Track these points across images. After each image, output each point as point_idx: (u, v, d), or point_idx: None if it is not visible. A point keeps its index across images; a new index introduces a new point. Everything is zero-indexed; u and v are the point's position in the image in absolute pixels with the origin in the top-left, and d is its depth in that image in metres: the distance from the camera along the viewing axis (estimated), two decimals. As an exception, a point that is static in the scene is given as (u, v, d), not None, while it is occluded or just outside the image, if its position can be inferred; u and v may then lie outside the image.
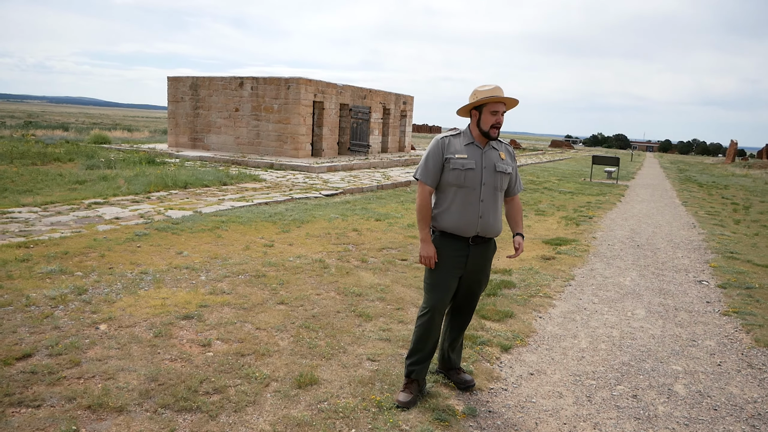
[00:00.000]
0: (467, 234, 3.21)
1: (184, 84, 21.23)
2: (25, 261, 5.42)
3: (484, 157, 3.22)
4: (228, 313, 4.47)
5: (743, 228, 11.05)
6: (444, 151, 3.23)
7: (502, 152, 3.29)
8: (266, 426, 2.91)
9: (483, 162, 3.21)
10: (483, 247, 3.30)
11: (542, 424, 3.16)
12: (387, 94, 24.71)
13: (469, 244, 3.24)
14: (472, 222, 3.19)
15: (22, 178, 10.97)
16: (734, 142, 49.59)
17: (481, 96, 3.16)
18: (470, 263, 3.27)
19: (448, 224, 3.22)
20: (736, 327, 4.98)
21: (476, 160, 3.20)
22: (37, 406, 2.92)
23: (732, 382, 3.87)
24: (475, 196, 3.19)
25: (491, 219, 3.23)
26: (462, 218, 3.19)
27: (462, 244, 3.24)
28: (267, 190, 11.71)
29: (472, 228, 3.19)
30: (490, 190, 3.22)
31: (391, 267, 6.23)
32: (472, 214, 3.18)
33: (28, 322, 3.97)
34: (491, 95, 3.14)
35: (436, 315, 3.27)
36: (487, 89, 3.18)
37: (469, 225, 3.19)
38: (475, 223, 3.19)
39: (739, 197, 17.79)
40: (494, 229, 3.27)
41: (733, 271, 7.05)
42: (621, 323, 4.94)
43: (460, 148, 3.23)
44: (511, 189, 3.42)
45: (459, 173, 3.18)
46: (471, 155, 3.21)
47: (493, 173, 3.22)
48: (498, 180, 3.24)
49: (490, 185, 3.21)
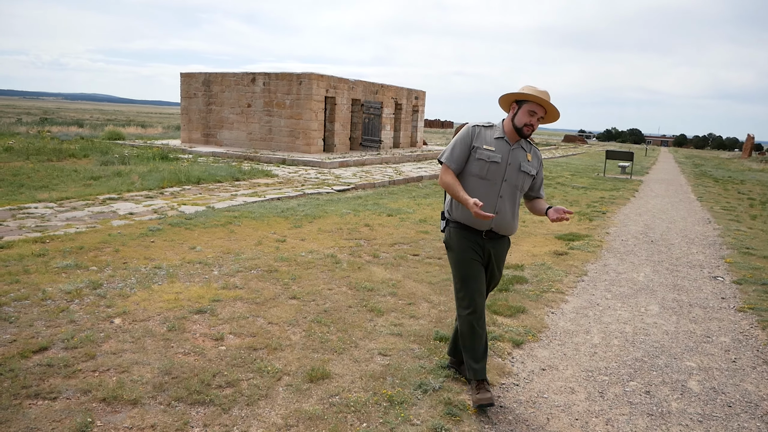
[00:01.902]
0: (481, 227, 3.21)
1: (197, 80, 21.35)
2: (42, 256, 5.50)
3: (511, 154, 3.20)
4: (240, 307, 4.50)
5: (759, 223, 10.90)
6: (473, 140, 3.23)
7: (530, 154, 3.27)
8: (278, 419, 2.93)
9: (509, 158, 3.19)
10: (496, 242, 3.29)
11: (554, 420, 3.15)
12: (399, 89, 24.66)
13: (482, 237, 3.24)
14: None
15: (38, 174, 11.12)
16: (751, 137, 48.88)
17: (527, 91, 3.13)
18: (486, 254, 3.28)
19: (462, 216, 3.22)
20: (751, 323, 4.92)
21: (503, 155, 3.19)
22: (53, 399, 2.97)
23: (747, 378, 3.83)
24: (494, 190, 3.19)
25: (507, 216, 3.22)
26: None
27: (476, 236, 3.24)
28: (279, 186, 11.75)
29: (486, 222, 3.17)
30: (511, 188, 3.21)
31: (403, 262, 6.23)
32: (489, 208, 3.16)
33: (44, 316, 4.03)
34: (535, 94, 3.11)
35: (478, 305, 3.20)
36: (535, 89, 3.15)
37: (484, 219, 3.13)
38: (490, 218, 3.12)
39: (755, 192, 17.55)
40: (509, 227, 3.27)
41: (748, 266, 6.96)
42: (634, 319, 4.91)
43: (490, 140, 3.21)
44: (535, 191, 3.40)
45: (483, 164, 3.17)
46: (499, 149, 3.19)
47: (516, 171, 3.20)
48: (520, 179, 3.22)
49: (511, 183, 3.20)
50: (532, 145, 3.34)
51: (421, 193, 12.17)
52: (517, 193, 3.25)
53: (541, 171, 3.40)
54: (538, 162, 3.35)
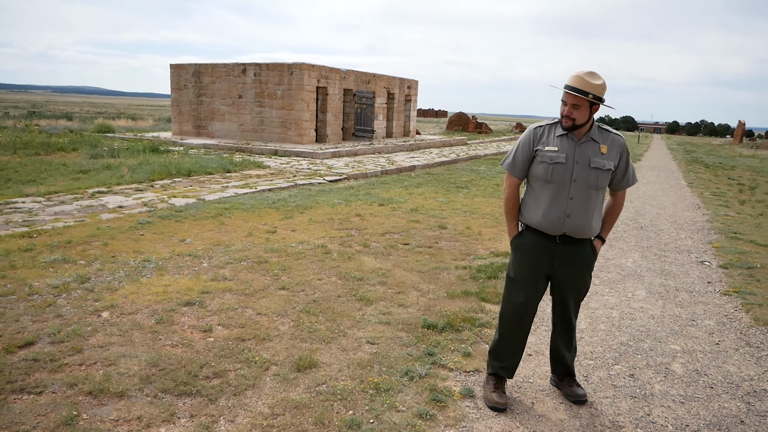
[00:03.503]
0: (553, 232, 2.99)
1: (187, 71, 21.19)
2: (29, 251, 5.48)
3: (578, 151, 2.93)
4: (229, 299, 4.51)
5: (748, 208, 10.99)
6: (535, 143, 3.02)
7: (604, 145, 2.95)
8: (265, 408, 2.95)
9: (576, 156, 2.92)
10: (573, 247, 3.03)
11: (539, 404, 3.19)
12: (391, 79, 24.57)
13: (556, 242, 3.02)
14: (558, 220, 2.95)
15: (26, 168, 11.04)
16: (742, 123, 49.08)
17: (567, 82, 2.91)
18: (557, 264, 3.04)
19: (533, 220, 3.03)
20: (736, 306, 4.98)
21: (567, 153, 2.92)
22: (38, 393, 2.97)
23: (729, 360, 3.88)
24: (563, 192, 2.94)
25: (581, 219, 2.95)
26: (547, 216, 2.97)
27: (548, 242, 3.02)
28: (271, 177, 11.73)
29: (557, 227, 2.96)
30: (582, 188, 2.93)
31: (393, 251, 6.25)
32: (559, 212, 2.94)
33: (30, 311, 4.02)
34: (566, 84, 2.89)
35: (508, 312, 3.16)
36: (572, 76, 2.90)
37: (555, 223, 2.96)
38: (561, 222, 2.96)
39: (745, 178, 17.66)
40: (585, 230, 2.99)
41: (735, 251, 7.03)
42: (621, 304, 4.95)
43: (552, 139, 2.97)
44: (616, 184, 3.08)
45: (547, 167, 2.95)
46: (562, 148, 2.93)
47: (586, 169, 2.92)
48: (592, 177, 2.93)
49: (582, 182, 2.93)
50: (610, 133, 3.01)
51: (414, 183, 12.18)
52: (591, 192, 2.96)
53: (625, 162, 3.03)
54: (616, 153, 2.99)
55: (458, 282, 5.25)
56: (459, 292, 4.91)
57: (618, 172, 3.04)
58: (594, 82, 2.84)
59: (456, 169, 15.58)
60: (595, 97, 2.84)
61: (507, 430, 2.91)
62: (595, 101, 2.85)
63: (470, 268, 5.68)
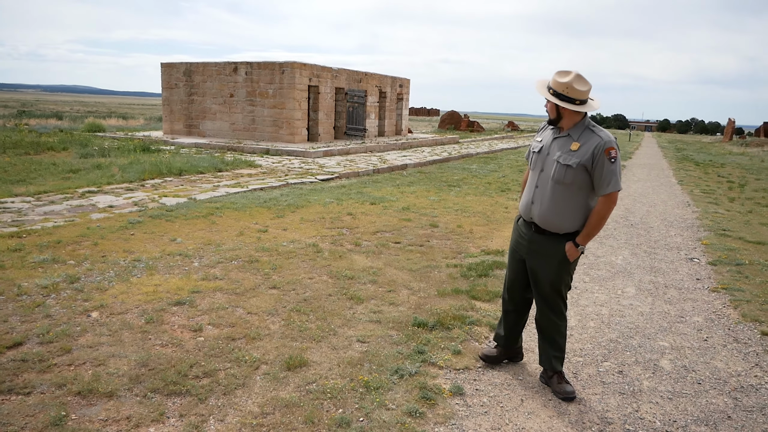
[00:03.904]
0: (525, 217, 3.24)
1: (178, 70, 21.09)
2: (18, 251, 5.44)
3: (554, 144, 3.10)
4: (220, 298, 4.50)
5: (737, 205, 11.08)
6: (537, 134, 3.34)
7: (577, 142, 3.00)
8: (254, 408, 2.95)
9: (550, 148, 3.12)
10: (545, 239, 3.13)
11: (528, 401, 3.21)
12: (383, 77, 24.56)
13: (532, 230, 3.20)
14: (526, 205, 3.21)
15: (15, 168, 10.95)
16: (732, 121, 49.44)
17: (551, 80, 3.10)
18: (530, 251, 3.20)
19: (521, 202, 3.34)
20: (724, 303, 5.02)
21: (545, 145, 3.16)
22: (27, 393, 2.96)
23: (717, 356, 3.92)
24: (533, 179, 3.20)
25: (544, 209, 3.08)
26: (522, 199, 3.29)
27: (527, 228, 3.25)
28: (262, 176, 11.70)
29: (526, 212, 3.22)
30: (545, 179, 3.09)
31: (385, 250, 6.26)
32: (527, 197, 3.21)
33: (19, 311, 4.00)
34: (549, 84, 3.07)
35: (505, 293, 3.53)
36: (557, 79, 3.03)
37: (524, 207, 3.24)
38: (527, 207, 3.20)
39: (735, 175, 17.80)
40: (550, 223, 3.08)
41: (724, 248, 7.09)
42: (610, 301, 4.98)
43: (547, 131, 3.24)
44: (595, 187, 3.02)
45: (530, 154, 3.29)
46: (544, 139, 3.20)
47: (553, 162, 3.06)
48: (555, 170, 3.02)
49: (547, 173, 3.08)
50: (594, 134, 3.02)
51: (405, 181, 12.19)
52: (555, 186, 3.02)
53: (601, 165, 2.95)
54: (588, 152, 2.96)
55: (449, 280, 5.27)
56: (450, 291, 4.93)
57: (595, 175, 3.00)
58: (578, 87, 2.97)
59: (448, 168, 15.61)
60: (556, 94, 3.00)
61: (496, 427, 2.93)
62: (553, 98, 3.01)
63: (461, 267, 5.70)
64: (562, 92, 2.98)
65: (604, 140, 2.98)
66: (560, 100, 2.99)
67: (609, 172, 2.97)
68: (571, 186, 3.02)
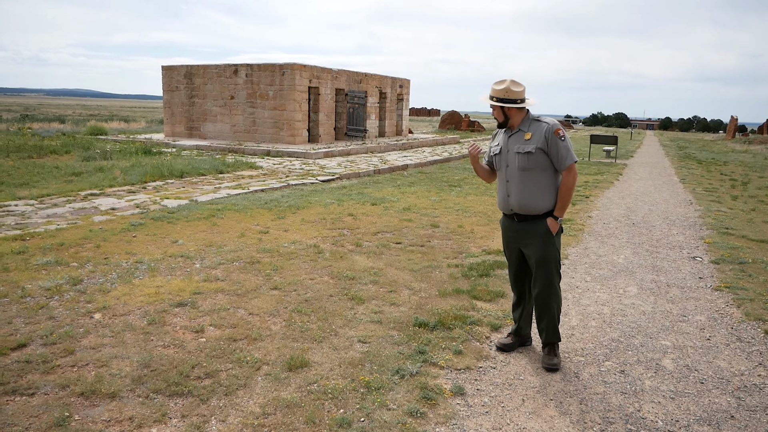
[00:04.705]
0: (506, 212, 3.66)
1: (179, 73, 21.14)
2: (21, 253, 5.46)
3: (509, 141, 3.57)
4: (221, 299, 4.51)
5: (740, 204, 11.06)
6: (492, 141, 3.77)
7: (528, 132, 3.50)
8: (256, 408, 2.96)
9: (507, 146, 3.57)
10: (527, 224, 3.57)
11: (529, 401, 3.21)
12: (383, 78, 24.58)
13: (514, 220, 3.63)
14: (504, 201, 3.62)
15: (19, 172, 10.99)
16: (734, 118, 49.32)
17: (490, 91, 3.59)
18: (520, 237, 3.62)
19: (497, 202, 3.77)
20: (727, 302, 5.01)
21: (502, 145, 3.61)
22: (31, 394, 2.97)
23: (720, 355, 3.91)
24: (502, 177, 3.62)
25: (520, 197, 3.51)
26: (498, 198, 3.70)
27: (510, 220, 3.67)
28: (263, 177, 11.72)
29: (505, 206, 3.63)
30: (513, 171, 3.52)
31: (386, 250, 6.26)
32: (503, 193, 3.62)
33: (23, 313, 4.02)
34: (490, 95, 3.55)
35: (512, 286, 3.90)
36: (495, 87, 3.53)
37: (502, 203, 3.65)
38: (506, 202, 3.60)
39: (737, 173, 17.76)
40: (529, 207, 3.52)
41: (727, 246, 7.07)
42: (612, 300, 4.98)
43: (499, 136, 3.69)
44: (555, 164, 3.50)
45: (493, 158, 3.70)
46: (501, 141, 3.64)
47: (514, 155, 3.52)
48: (519, 160, 3.48)
49: (513, 166, 3.52)
50: (540, 123, 3.51)
51: (406, 182, 12.20)
52: (524, 174, 3.48)
53: (554, 144, 3.45)
54: (540, 137, 3.47)
55: (450, 280, 5.27)
56: (451, 291, 4.93)
57: (551, 155, 3.47)
58: (514, 88, 3.47)
59: (448, 168, 15.61)
60: (499, 99, 3.49)
61: (497, 426, 2.93)
62: (498, 103, 3.49)
63: (462, 267, 5.70)
64: (504, 96, 3.48)
65: (551, 124, 3.49)
66: (504, 103, 3.49)
67: (563, 148, 3.46)
68: (535, 170, 3.48)
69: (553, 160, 3.47)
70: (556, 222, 3.53)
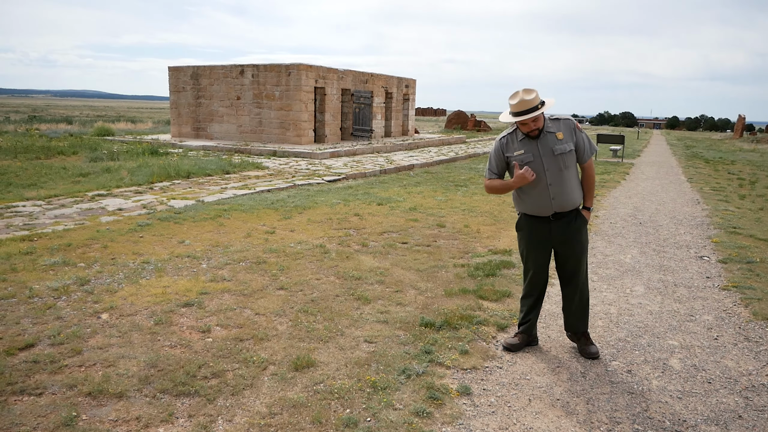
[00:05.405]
0: (545, 214, 3.60)
1: (185, 74, 21.21)
2: (29, 254, 5.50)
3: (541, 146, 3.52)
4: (228, 299, 4.52)
5: (748, 203, 10.98)
6: (504, 151, 3.63)
7: (559, 132, 3.53)
8: (262, 408, 2.97)
9: (540, 150, 3.51)
10: (564, 220, 3.60)
11: (536, 401, 3.20)
12: (389, 78, 24.58)
13: (549, 220, 3.61)
14: (546, 205, 3.56)
15: (27, 173, 11.07)
16: (742, 117, 48.99)
17: (501, 119, 3.56)
18: (555, 234, 3.62)
19: (526, 209, 3.67)
20: (734, 301, 4.98)
21: (533, 152, 3.52)
22: (38, 394, 2.99)
23: (728, 355, 3.89)
24: (543, 183, 3.52)
25: (564, 197, 3.54)
26: (536, 204, 3.58)
27: (542, 221, 3.63)
28: (269, 178, 11.75)
29: (547, 210, 3.57)
30: (555, 172, 3.50)
31: (392, 250, 6.26)
32: (543, 198, 3.54)
33: (31, 314, 4.04)
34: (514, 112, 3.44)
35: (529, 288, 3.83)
36: (512, 103, 3.45)
37: (544, 208, 3.57)
38: (549, 206, 3.55)
39: (745, 172, 17.64)
40: (571, 204, 3.58)
41: (734, 246, 7.03)
42: (619, 300, 4.96)
43: (517, 144, 3.57)
44: (580, 158, 3.62)
45: (520, 166, 3.53)
46: (528, 148, 3.53)
47: (552, 157, 3.50)
48: (560, 161, 3.50)
49: (554, 168, 3.50)
50: (560, 120, 3.57)
51: (412, 182, 12.19)
52: (564, 173, 3.51)
53: (580, 138, 3.58)
54: (570, 134, 3.55)
55: (456, 280, 5.26)
56: (457, 291, 4.93)
57: (578, 148, 3.58)
58: (532, 96, 3.41)
59: (455, 168, 15.59)
60: (541, 104, 3.45)
61: (503, 426, 2.93)
62: (531, 114, 3.41)
63: (468, 266, 5.69)
64: (532, 107, 3.42)
65: (570, 120, 3.62)
66: (534, 111, 3.43)
67: (586, 140, 3.63)
68: (571, 167, 3.57)
69: (579, 153, 3.59)
70: (589, 212, 3.70)
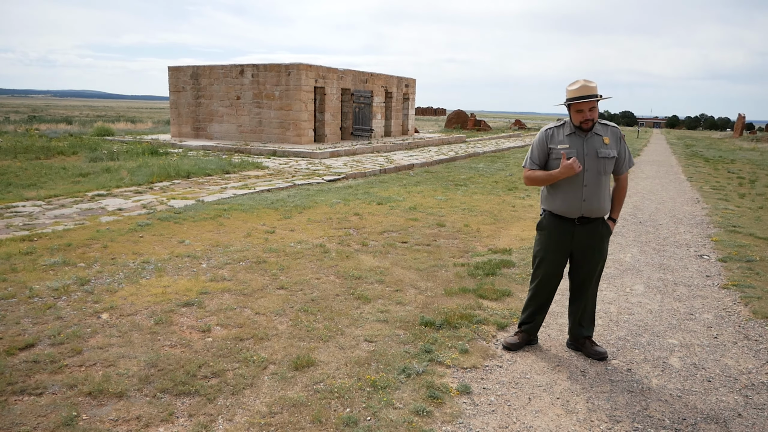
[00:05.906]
0: (571, 216, 3.53)
1: (185, 74, 21.21)
2: (29, 254, 5.50)
3: (586, 144, 3.46)
4: (228, 299, 4.53)
5: (748, 202, 10.99)
6: (548, 142, 3.55)
7: (606, 137, 3.49)
8: (262, 407, 2.97)
9: (585, 149, 3.45)
10: (590, 226, 3.55)
11: (535, 399, 3.21)
12: (389, 78, 24.58)
13: (575, 224, 3.54)
14: (576, 205, 3.48)
15: (26, 173, 11.07)
16: (742, 116, 48.98)
17: (567, 96, 3.43)
18: (577, 240, 3.57)
19: (554, 207, 3.57)
20: (734, 300, 4.98)
21: (578, 149, 3.45)
22: (39, 394, 3.00)
23: (728, 353, 3.89)
24: (578, 181, 3.45)
25: (595, 202, 3.47)
26: (566, 202, 3.50)
27: (568, 223, 3.56)
28: (269, 177, 11.75)
29: (575, 211, 3.50)
30: (593, 175, 3.45)
31: (392, 250, 6.27)
32: (576, 198, 3.47)
33: (31, 314, 4.05)
34: (570, 96, 3.39)
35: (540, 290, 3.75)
36: (573, 89, 3.39)
37: (573, 208, 3.49)
38: (578, 207, 3.49)
39: (745, 171, 17.64)
40: (600, 210, 3.52)
41: (734, 244, 7.03)
42: (619, 299, 4.96)
43: (562, 138, 3.51)
44: (618, 168, 3.58)
45: (552, 159, 3.51)
46: (573, 144, 3.46)
47: (595, 159, 3.44)
48: (601, 165, 3.45)
49: (593, 170, 3.45)
50: (609, 126, 3.55)
51: (412, 181, 12.19)
52: (601, 178, 3.47)
53: (623, 149, 3.56)
54: (616, 141, 3.52)
55: (456, 279, 5.27)
56: (457, 290, 4.93)
57: (620, 158, 3.54)
58: (594, 84, 3.38)
59: (455, 167, 15.59)
60: (590, 96, 3.37)
61: (503, 425, 2.93)
62: (586, 100, 3.36)
63: (468, 266, 5.69)
64: (593, 95, 3.36)
65: (617, 129, 3.57)
66: (591, 98, 3.36)
67: (628, 153, 3.61)
68: (608, 174, 3.53)
69: (619, 163, 3.55)
70: (614, 223, 3.69)
